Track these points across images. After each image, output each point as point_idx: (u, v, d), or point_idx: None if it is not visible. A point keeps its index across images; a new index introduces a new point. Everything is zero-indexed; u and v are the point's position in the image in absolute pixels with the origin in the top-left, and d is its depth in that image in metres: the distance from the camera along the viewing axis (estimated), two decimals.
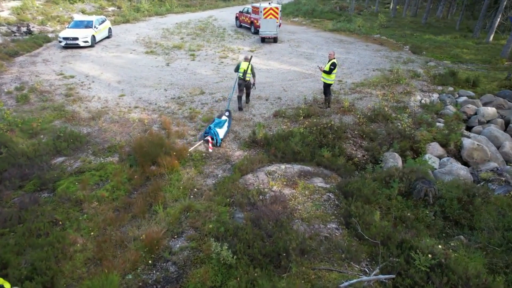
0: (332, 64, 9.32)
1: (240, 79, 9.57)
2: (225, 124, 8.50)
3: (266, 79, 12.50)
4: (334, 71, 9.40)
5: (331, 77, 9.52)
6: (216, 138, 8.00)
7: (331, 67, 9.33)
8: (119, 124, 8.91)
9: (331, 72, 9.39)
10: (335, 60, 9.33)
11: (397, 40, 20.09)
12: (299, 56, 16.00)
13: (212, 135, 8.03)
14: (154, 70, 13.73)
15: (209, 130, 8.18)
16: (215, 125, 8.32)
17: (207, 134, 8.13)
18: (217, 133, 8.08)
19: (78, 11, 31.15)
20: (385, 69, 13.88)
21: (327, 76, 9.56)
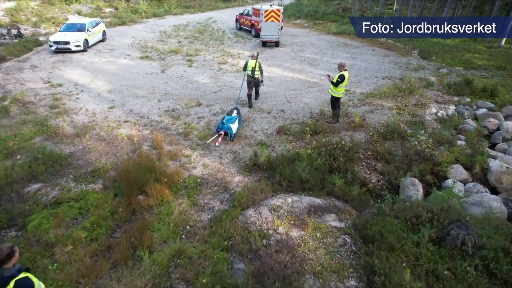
0: (340, 76, 8.43)
1: (249, 76, 9.68)
2: (236, 120, 8.63)
3: (268, 89, 11.62)
4: (342, 84, 8.50)
5: (338, 90, 8.63)
6: (230, 133, 8.18)
7: (338, 79, 8.44)
8: (106, 143, 8.02)
9: (338, 85, 8.50)
10: (345, 72, 8.43)
11: (405, 44, 19.21)
12: (302, 62, 15.12)
13: (226, 130, 8.19)
14: (148, 77, 12.84)
15: (223, 126, 8.30)
16: (227, 121, 8.45)
17: (220, 129, 8.27)
18: (231, 128, 8.23)
19: (73, 13, 30.28)
20: (395, 77, 13.01)
21: (334, 89, 8.68)
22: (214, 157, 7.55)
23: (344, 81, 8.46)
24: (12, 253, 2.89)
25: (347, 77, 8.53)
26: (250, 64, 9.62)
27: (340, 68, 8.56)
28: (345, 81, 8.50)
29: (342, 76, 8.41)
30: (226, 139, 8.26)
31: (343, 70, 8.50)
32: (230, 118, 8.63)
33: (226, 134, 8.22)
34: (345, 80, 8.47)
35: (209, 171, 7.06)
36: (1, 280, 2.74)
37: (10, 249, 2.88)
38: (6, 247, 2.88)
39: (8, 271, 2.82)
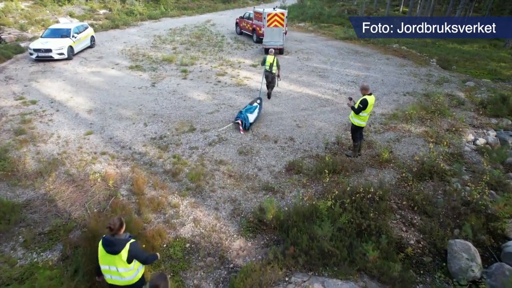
0: (362, 101, 6.82)
1: (267, 71, 10.34)
2: (255, 110, 8.93)
3: (274, 108, 10.03)
4: (365, 111, 6.90)
5: (360, 118, 7.02)
6: (245, 122, 8.47)
7: (360, 105, 6.84)
8: (74, 186, 6.43)
9: (359, 111, 6.91)
10: (368, 97, 6.82)
11: (420, 51, 17.61)
12: (310, 73, 13.52)
13: (242, 119, 8.50)
14: (136, 93, 11.25)
15: (240, 115, 8.70)
16: (246, 110, 8.81)
17: (238, 118, 8.62)
18: (248, 117, 8.55)
19: (65, 15, 28.65)
20: (417, 92, 11.41)
21: (355, 116, 7.08)
22: (209, 207, 5.97)
23: (367, 108, 6.86)
24: (122, 223, 3.45)
25: (372, 103, 6.93)
26: (268, 60, 10.20)
27: (363, 91, 6.96)
28: (369, 108, 6.90)
29: (365, 102, 6.80)
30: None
31: (367, 93, 6.90)
32: (250, 107, 9.05)
33: (242, 123, 8.54)
34: (368, 107, 6.87)
35: (201, 230, 5.47)
36: (120, 242, 3.35)
37: (121, 220, 3.44)
38: (117, 219, 3.43)
39: (123, 236, 3.42)
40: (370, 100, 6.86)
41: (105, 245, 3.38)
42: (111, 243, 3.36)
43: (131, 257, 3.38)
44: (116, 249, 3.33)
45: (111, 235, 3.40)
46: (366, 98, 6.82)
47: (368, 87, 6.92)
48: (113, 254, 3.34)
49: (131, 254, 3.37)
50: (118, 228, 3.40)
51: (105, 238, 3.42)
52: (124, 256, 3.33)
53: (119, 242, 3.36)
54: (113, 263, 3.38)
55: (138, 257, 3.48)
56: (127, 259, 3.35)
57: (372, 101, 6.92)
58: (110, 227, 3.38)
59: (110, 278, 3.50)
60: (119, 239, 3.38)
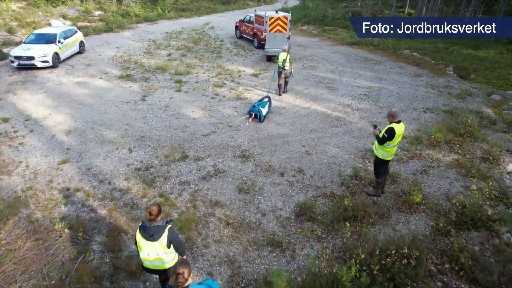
0: (388, 130, 5.60)
1: (280, 67, 10.59)
2: (266, 105, 9.51)
3: (278, 129, 8.79)
4: (392, 142, 5.68)
5: (385, 150, 5.79)
6: (259, 115, 9.10)
7: (385, 134, 5.62)
8: (34, 239, 5.19)
9: (384, 142, 5.69)
10: (396, 125, 5.59)
11: (434, 57, 16.37)
12: (317, 85, 12.28)
13: (257, 112, 9.13)
14: (123, 108, 10.02)
15: (253, 108, 9.28)
16: (258, 104, 9.41)
17: (252, 111, 9.22)
18: (261, 111, 9.13)
19: (58, 16, 27.45)
20: (439, 108, 10.18)
21: (379, 147, 5.86)
22: (200, 271, 4.72)
23: (394, 138, 5.63)
24: (160, 209, 3.49)
25: (401, 133, 5.70)
26: (281, 57, 10.51)
27: (390, 118, 5.73)
28: (396, 138, 5.67)
29: (392, 131, 5.56)
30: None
31: (395, 121, 5.67)
32: (261, 102, 9.59)
33: (256, 116, 9.15)
34: (396, 137, 5.64)
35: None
36: (159, 229, 3.39)
37: (159, 207, 3.50)
38: (155, 206, 3.48)
39: (161, 222, 3.47)
40: (398, 130, 5.62)
41: (145, 232, 3.41)
42: (150, 230, 3.39)
43: (170, 241, 3.44)
44: (156, 236, 3.37)
45: (149, 222, 3.41)
46: (393, 127, 5.58)
47: (397, 114, 5.69)
48: (152, 241, 3.38)
49: (170, 238, 3.43)
50: (156, 214, 3.42)
51: (143, 226, 3.44)
52: (164, 241, 3.39)
53: (158, 229, 3.40)
54: (153, 249, 3.42)
55: (175, 242, 3.52)
56: (167, 244, 3.41)
57: (400, 130, 5.68)
58: (150, 212, 3.40)
59: (150, 264, 3.54)
60: (157, 225, 3.41)
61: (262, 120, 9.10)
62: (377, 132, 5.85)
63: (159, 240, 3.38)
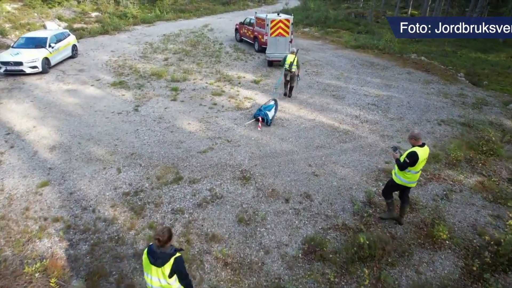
0: (410, 155, 4.88)
1: (286, 70, 10.41)
2: (272, 108, 9.21)
3: (282, 145, 8.05)
4: (413, 168, 4.96)
5: (406, 176, 5.09)
6: (266, 119, 8.86)
7: (406, 159, 4.91)
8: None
9: (404, 168, 4.98)
10: (419, 149, 4.87)
11: (443, 62, 15.64)
12: (322, 93, 11.55)
13: (263, 116, 8.87)
14: (114, 120, 9.29)
15: (259, 112, 9.01)
16: (264, 108, 9.13)
17: (258, 115, 8.96)
18: (268, 114, 8.89)
19: (53, 18, 26.75)
20: (454, 120, 9.45)
21: (398, 172, 5.15)
22: None
23: (417, 164, 4.91)
24: (171, 235, 3.23)
25: (424, 158, 4.98)
26: (288, 59, 10.28)
27: (412, 141, 5.01)
28: (419, 164, 4.95)
29: (414, 156, 4.84)
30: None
31: (418, 144, 4.95)
32: (267, 106, 9.28)
33: (263, 120, 8.89)
34: (419, 163, 4.92)
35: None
36: (164, 256, 3.15)
37: (170, 232, 3.22)
38: (166, 231, 3.19)
39: (169, 249, 3.21)
40: (422, 154, 4.90)
41: (150, 255, 3.25)
42: (156, 255, 3.21)
43: (173, 271, 3.22)
44: (160, 262, 3.19)
45: (157, 247, 3.21)
46: (416, 151, 4.86)
47: (420, 136, 4.96)
48: (156, 266, 3.20)
49: (174, 268, 3.21)
50: (166, 241, 3.20)
51: (151, 249, 3.27)
52: (167, 270, 3.19)
53: (164, 255, 3.20)
54: (155, 274, 3.26)
55: (180, 273, 3.29)
56: (169, 274, 3.20)
57: (424, 155, 4.96)
58: (159, 239, 3.17)
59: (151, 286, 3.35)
60: (164, 252, 3.21)
61: (269, 124, 8.89)
62: (398, 156, 5.14)
63: (162, 268, 3.17)
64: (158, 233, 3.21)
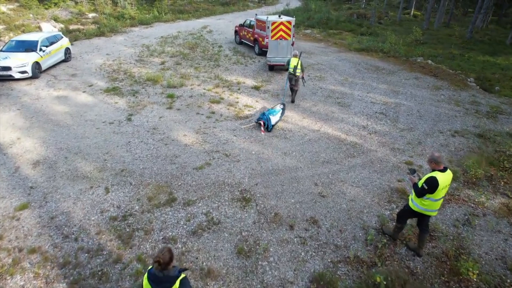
0: (429, 181, 4.27)
1: (291, 73, 10.18)
2: (278, 113, 8.98)
3: (285, 160, 7.44)
4: (432, 196, 4.36)
5: (423, 203, 4.50)
6: (267, 124, 8.54)
7: (424, 185, 4.30)
8: None
9: (422, 195, 4.38)
10: (440, 174, 4.26)
11: (451, 65, 15.02)
12: (327, 100, 10.93)
13: (265, 121, 8.58)
14: (105, 131, 8.68)
15: (263, 116, 8.70)
16: (269, 112, 8.80)
17: (261, 119, 8.67)
18: (270, 119, 8.58)
19: (49, 19, 26.15)
20: (469, 131, 8.84)
21: (415, 199, 4.56)
22: None
23: (436, 192, 4.30)
24: (172, 256, 2.90)
25: (446, 184, 4.38)
26: (292, 62, 10.08)
27: (432, 165, 4.40)
28: (439, 192, 4.34)
29: (433, 182, 4.24)
30: None
31: (438, 168, 4.34)
32: (273, 110, 9.00)
33: (265, 125, 8.60)
34: (438, 191, 4.31)
35: None
36: (169, 279, 2.84)
37: (170, 253, 2.88)
38: (167, 251, 2.85)
39: (173, 271, 2.88)
40: (443, 181, 4.29)
41: (152, 281, 2.87)
42: (159, 280, 2.84)
43: None
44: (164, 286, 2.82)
45: (159, 270, 2.82)
46: (435, 176, 4.26)
47: (441, 160, 4.34)
48: None
49: None
50: (168, 262, 2.82)
51: (152, 273, 2.89)
52: None
53: (169, 279, 2.83)
54: None
55: None
56: None
57: (446, 181, 4.35)
58: (159, 261, 2.79)
59: None
60: (168, 275, 2.84)
61: (270, 129, 8.61)
62: (416, 180, 4.54)
63: None
64: (158, 255, 2.83)
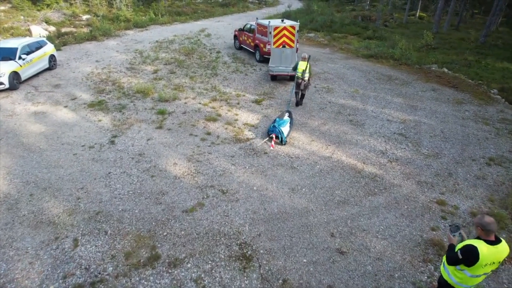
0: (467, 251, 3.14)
1: (299, 78, 9.75)
2: (287, 124, 8.44)
3: (292, 199, 6.22)
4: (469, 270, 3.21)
5: (456, 275, 3.37)
6: (281, 136, 8.01)
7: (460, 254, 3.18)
8: None
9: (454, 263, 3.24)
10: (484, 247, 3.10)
11: (468, 74, 13.81)
12: (337, 117, 9.71)
13: (277, 134, 8.05)
14: (83, 158, 7.47)
15: (274, 129, 8.17)
16: (279, 124, 8.27)
17: (272, 132, 8.15)
18: (282, 131, 8.04)
19: (40, 21, 24.94)
20: (506, 157, 7.62)
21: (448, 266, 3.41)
22: None
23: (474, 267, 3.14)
24: None
25: (494, 261, 3.22)
26: (300, 66, 9.67)
27: (478, 231, 3.24)
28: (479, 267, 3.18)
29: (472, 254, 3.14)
30: None
31: (486, 238, 3.17)
32: (281, 121, 8.45)
33: (277, 138, 8.07)
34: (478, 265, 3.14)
35: None
36: None
37: None
38: None
39: None
40: (487, 256, 3.15)
41: None
42: None
43: None
44: None
45: None
46: (476, 246, 3.13)
47: (491, 227, 3.14)
48: None
49: None
50: None
51: None
52: None
53: None
54: None
55: None
56: None
57: (494, 257, 3.19)
58: None
59: None
60: None
61: (285, 143, 8.00)
62: (455, 241, 3.40)
63: None
64: None
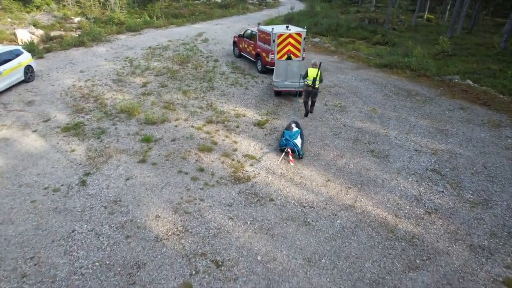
0: None
1: (309, 86, 9.14)
2: (298, 135, 7.75)
3: (309, 277, 4.67)
4: None
5: None
6: (296, 149, 7.37)
7: None
8: None
9: None
10: None
11: (496, 86, 12.27)
12: (355, 146, 8.16)
13: (292, 147, 7.38)
14: (42, 208, 5.93)
15: (287, 142, 7.49)
16: (290, 136, 7.60)
17: (285, 146, 7.47)
18: (296, 144, 7.41)
19: (28, 24, 23.38)
20: None
21: None
22: None
23: None
24: None
25: None
26: (311, 74, 9.02)
27: None
28: None
29: None
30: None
31: None
32: (292, 133, 7.74)
33: (293, 152, 7.39)
34: None
35: None
36: None
37: None
38: None
39: None
40: None
41: None
42: None
43: None
44: None
45: None
46: None
47: None
48: None
49: None
50: None
51: None
52: None
53: None
54: None
55: None
56: None
57: None
58: None
59: None
60: None
61: (301, 156, 7.38)
62: None
63: None
64: None
